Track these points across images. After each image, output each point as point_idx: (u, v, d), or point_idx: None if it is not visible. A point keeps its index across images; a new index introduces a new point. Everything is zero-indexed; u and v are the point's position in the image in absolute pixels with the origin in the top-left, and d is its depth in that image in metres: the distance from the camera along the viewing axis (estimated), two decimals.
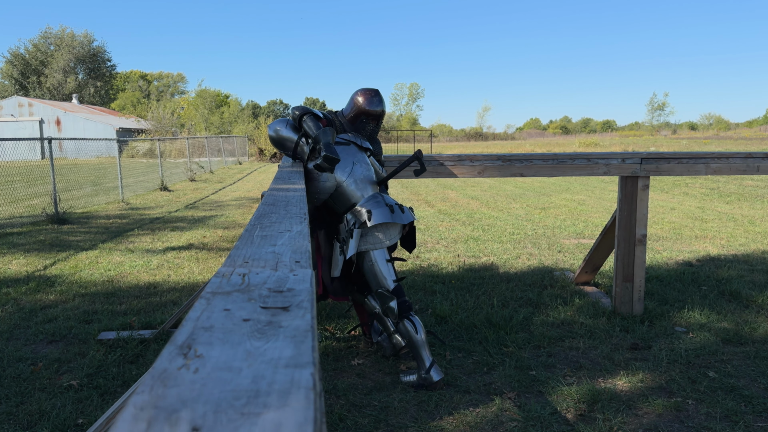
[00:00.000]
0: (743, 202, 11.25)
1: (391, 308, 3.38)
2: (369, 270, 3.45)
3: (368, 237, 3.41)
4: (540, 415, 3.01)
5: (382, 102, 3.66)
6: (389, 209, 3.37)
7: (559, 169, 4.42)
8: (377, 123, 3.68)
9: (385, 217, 3.34)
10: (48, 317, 4.56)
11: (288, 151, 3.60)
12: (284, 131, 3.57)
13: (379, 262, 3.43)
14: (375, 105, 3.61)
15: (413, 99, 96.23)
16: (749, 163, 4.53)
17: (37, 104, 41.62)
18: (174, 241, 7.75)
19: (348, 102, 3.73)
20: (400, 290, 3.45)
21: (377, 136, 3.83)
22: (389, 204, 3.42)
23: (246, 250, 1.05)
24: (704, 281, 5.51)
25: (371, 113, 3.62)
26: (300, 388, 0.47)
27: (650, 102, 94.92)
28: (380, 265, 3.43)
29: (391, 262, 3.50)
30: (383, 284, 3.43)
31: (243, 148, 32.45)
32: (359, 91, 3.67)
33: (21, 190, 14.04)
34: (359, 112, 3.63)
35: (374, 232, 3.41)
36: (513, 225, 8.82)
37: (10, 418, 3.02)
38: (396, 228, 3.50)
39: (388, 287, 3.42)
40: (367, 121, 3.64)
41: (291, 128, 3.56)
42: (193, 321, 0.63)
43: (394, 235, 3.49)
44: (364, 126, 3.65)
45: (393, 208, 3.39)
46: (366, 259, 3.45)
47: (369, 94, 3.62)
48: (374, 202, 3.41)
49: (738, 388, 3.31)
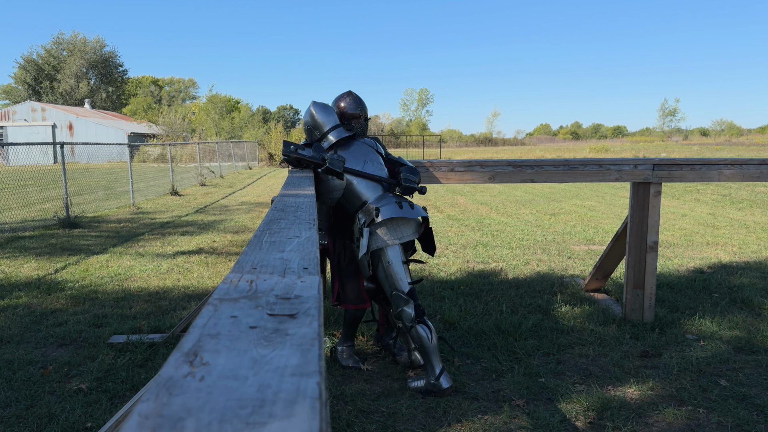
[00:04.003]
0: (756, 209, 11.15)
1: (407, 313, 3.36)
2: (384, 271, 3.43)
3: (380, 234, 3.41)
4: (549, 422, 2.99)
5: (357, 101, 3.83)
6: (398, 205, 3.39)
7: (570, 175, 4.39)
8: (359, 121, 3.81)
9: (394, 212, 3.34)
10: (58, 321, 4.59)
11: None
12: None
13: (393, 263, 3.40)
14: (352, 106, 3.80)
15: (423, 104, 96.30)
16: (763, 170, 4.49)
17: (50, 109, 42.06)
18: (184, 246, 7.79)
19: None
20: (414, 294, 3.43)
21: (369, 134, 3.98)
22: (398, 201, 3.43)
23: (254, 256, 1.05)
24: (716, 288, 5.45)
25: (353, 115, 3.80)
26: (306, 398, 0.47)
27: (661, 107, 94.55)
28: (395, 266, 3.40)
29: (407, 264, 3.49)
30: (398, 287, 3.39)
31: (253, 153, 32.58)
32: (337, 98, 3.87)
33: (33, 194, 14.17)
34: (341, 116, 3.79)
35: (386, 229, 3.41)
36: (522, 231, 8.78)
37: (19, 421, 3.03)
38: (409, 226, 3.48)
39: (403, 290, 3.40)
40: (350, 122, 3.79)
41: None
42: (199, 328, 0.63)
43: (408, 234, 3.48)
44: (349, 126, 3.78)
45: (402, 204, 3.40)
46: (381, 260, 3.43)
47: (345, 98, 3.84)
48: (384, 199, 3.44)
49: (750, 397, 3.27)
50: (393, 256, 3.41)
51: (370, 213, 3.39)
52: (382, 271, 3.44)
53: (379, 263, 3.44)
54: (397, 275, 3.40)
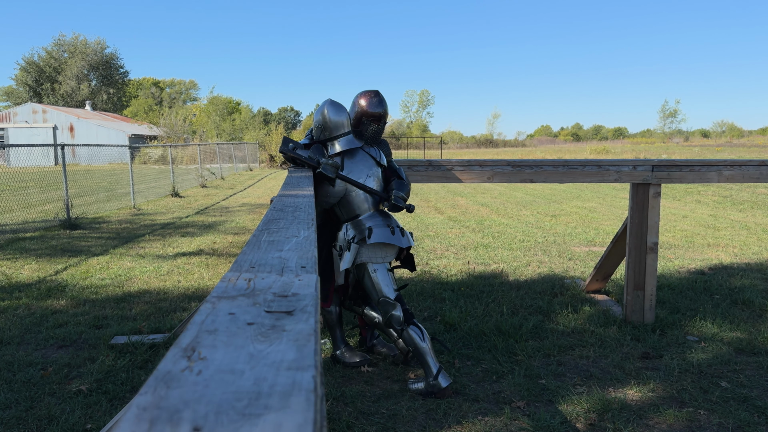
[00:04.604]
0: (756, 210, 11.14)
1: (396, 316, 3.40)
2: (370, 280, 3.48)
3: (366, 252, 3.46)
4: (550, 424, 2.99)
5: (383, 103, 3.70)
6: (390, 230, 3.44)
7: (569, 175, 4.40)
8: (379, 124, 3.71)
9: (385, 238, 3.41)
10: (58, 322, 4.59)
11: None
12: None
13: (379, 271, 3.47)
14: (376, 106, 3.66)
15: (423, 106, 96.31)
16: (763, 171, 4.49)
17: (51, 111, 42.10)
18: (184, 247, 7.79)
19: (351, 106, 3.78)
20: (401, 299, 3.47)
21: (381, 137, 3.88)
22: (390, 225, 3.48)
23: (253, 255, 1.06)
24: (716, 290, 5.45)
25: (373, 114, 3.66)
26: (301, 391, 0.47)
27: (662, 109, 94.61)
28: (381, 275, 3.47)
29: (392, 272, 3.53)
30: (384, 294, 3.45)
31: (254, 155, 32.61)
32: (360, 94, 3.72)
33: (34, 195, 14.18)
34: (362, 115, 3.67)
35: (373, 249, 3.46)
36: (523, 232, 8.78)
37: (19, 423, 3.04)
38: (393, 249, 3.54)
39: (390, 296, 3.44)
40: (369, 123, 3.68)
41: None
42: (198, 324, 0.64)
43: (390, 255, 3.54)
44: (366, 127, 3.69)
45: (394, 230, 3.45)
46: (367, 269, 3.48)
47: (369, 95, 3.69)
48: (377, 220, 3.48)
49: (751, 399, 3.26)
50: (378, 265, 3.48)
51: (362, 231, 3.44)
52: (368, 279, 3.50)
53: (365, 273, 3.50)
54: (382, 283, 3.46)
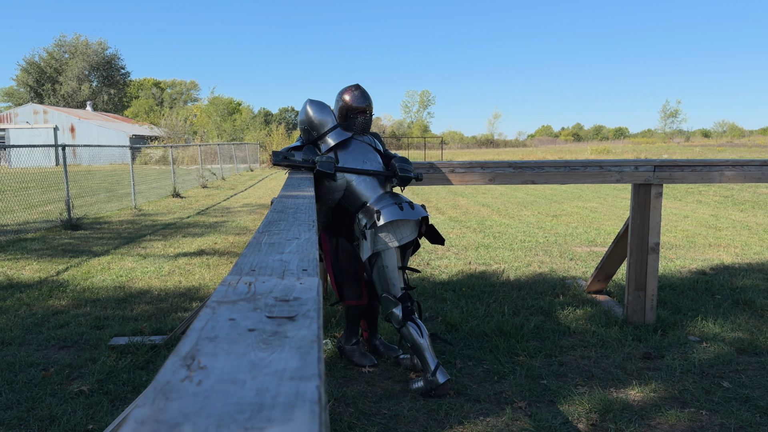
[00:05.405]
0: (758, 210, 11.12)
1: (395, 315, 3.40)
2: (379, 273, 3.47)
3: (382, 236, 3.42)
4: (551, 424, 2.98)
5: (365, 94, 3.76)
6: (398, 207, 3.39)
7: (570, 176, 4.39)
8: (365, 115, 3.76)
9: (395, 215, 3.36)
10: (60, 323, 4.58)
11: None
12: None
13: (389, 267, 3.44)
14: (359, 99, 3.72)
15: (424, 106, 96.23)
16: (764, 171, 4.47)
17: (52, 111, 42.11)
18: (185, 248, 7.79)
19: (335, 104, 3.84)
20: (406, 296, 3.45)
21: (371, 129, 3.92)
22: (398, 202, 3.43)
23: (253, 258, 1.05)
24: (718, 290, 5.44)
25: (357, 108, 3.72)
26: (305, 402, 0.46)
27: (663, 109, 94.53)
28: (391, 271, 3.44)
29: (403, 271, 3.51)
30: (390, 291, 3.43)
31: (255, 155, 32.60)
32: (343, 90, 3.79)
33: (36, 196, 14.18)
34: (347, 110, 3.73)
35: (387, 231, 3.42)
36: (524, 232, 8.77)
37: (21, 423, 3.03)
38: (408, 226, 3.49)
39: (395, 294, 3.43)
40: (355, 116, 3.73)
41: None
42: (197, 331, 0.63)
43: (407, 234, 3.49)
44: (353, 121, 3.73)
45: (402, 206, 3.40)
46: (377, 263, 3.46)
47: (351, 90, 3.76)
48: (384, 200, 3.45)
49: (753, 399, 3.25)
50: (389, 261, 3.44)
51: (372, 215, 3.41)
52: (377, 273, 3.48)
53: (375, 265, 3.48)
54: (390, 280, 3.44)
